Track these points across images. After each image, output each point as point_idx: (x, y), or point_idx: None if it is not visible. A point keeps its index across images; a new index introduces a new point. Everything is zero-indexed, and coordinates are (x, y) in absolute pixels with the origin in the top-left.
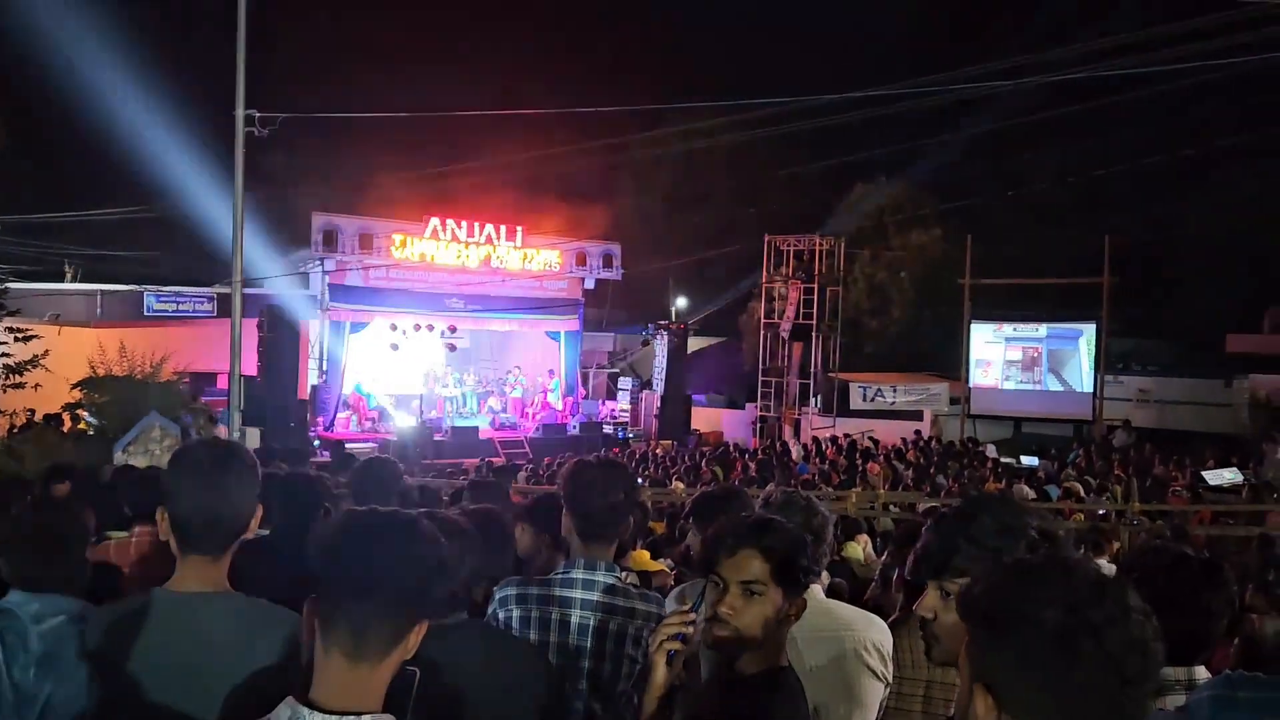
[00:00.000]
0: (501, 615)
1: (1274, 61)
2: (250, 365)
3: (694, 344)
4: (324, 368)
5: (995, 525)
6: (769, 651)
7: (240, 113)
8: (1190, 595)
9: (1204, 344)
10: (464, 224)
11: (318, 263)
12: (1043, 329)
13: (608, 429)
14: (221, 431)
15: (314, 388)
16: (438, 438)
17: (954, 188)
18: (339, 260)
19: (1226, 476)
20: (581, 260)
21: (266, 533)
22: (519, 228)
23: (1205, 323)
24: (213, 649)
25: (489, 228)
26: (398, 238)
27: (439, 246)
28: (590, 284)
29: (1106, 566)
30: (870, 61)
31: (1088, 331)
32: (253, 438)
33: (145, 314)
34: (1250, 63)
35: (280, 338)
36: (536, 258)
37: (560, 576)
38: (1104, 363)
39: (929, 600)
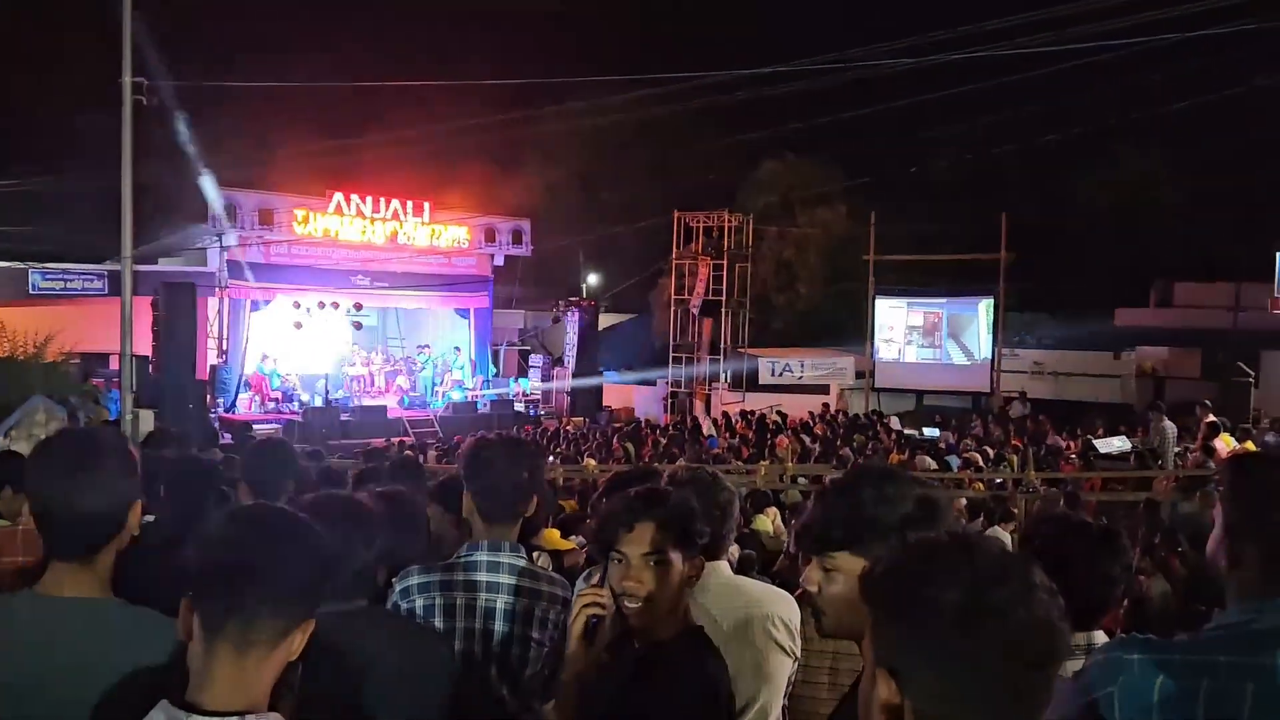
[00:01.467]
0: (404, 606)
1: (1160, 44)
2: (145, 345)
3: (605, 320)
4: (224, 347)
5: (874, 496)
6: (679, 614)
7: (127, 79)
8: (1089, 562)
9: (1095, 318)
10: (369, 199)
11: (215, 239)
12: (943, 303)
13: (519, 407)
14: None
15: (213, 368)
16: (344, 418)
17: (858, 165)
18: (239, 236)
19: (1116, 445)
20: (490, 236)
21: (152, 518)
22: (426, 203)
23: (1096, 298)
24: (70, 662)
25: (395, 203)
26: (300, 213)
27: (343, 222)
28: (500, 260)
29: (1003, 535)
30: (778, 38)
31: (986, 304)
32: (147, 420)
33: (31, 292)
34: (1137, 44)
35: (176, 316)
36: (445, 234)
37: (463, 560)
38: (1001, 336)
39: (812, 574)
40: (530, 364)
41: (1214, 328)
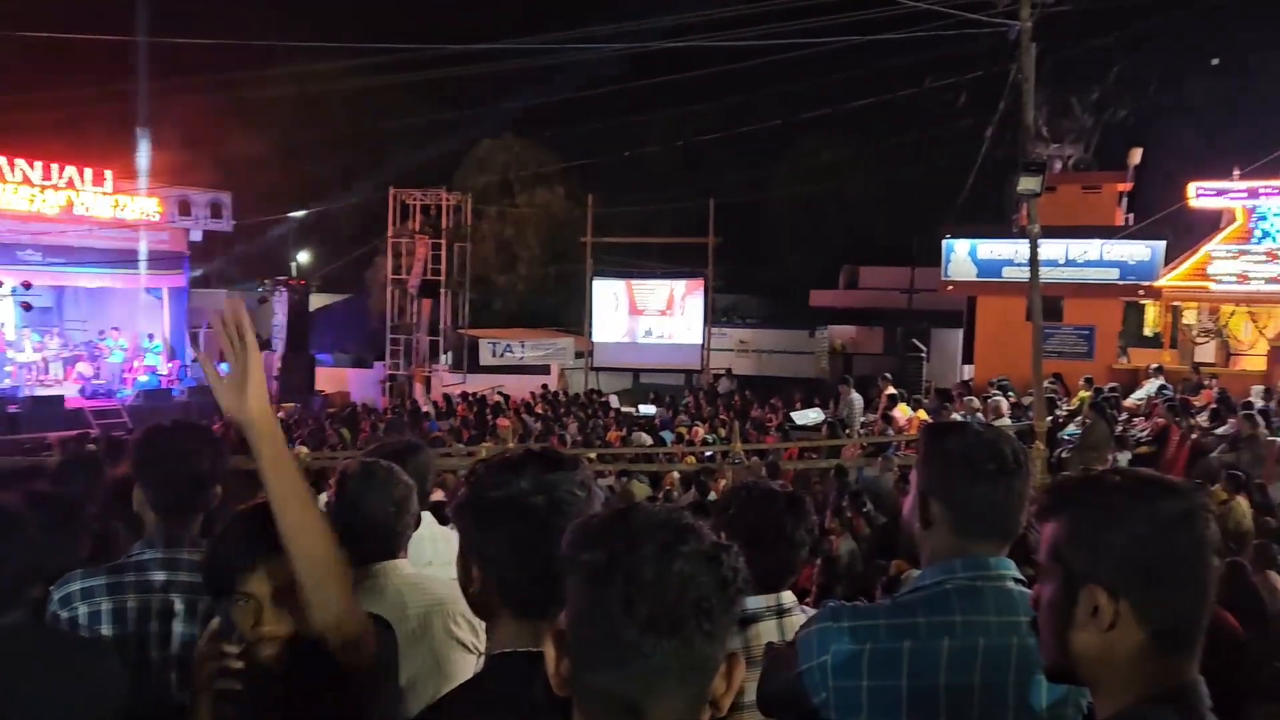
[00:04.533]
0: (65, 615)
1: (850, 44)
2: None
3: (317, 301)
4: None
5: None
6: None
7: None
8: (776, 527)
9: (792, 298)
10: (38, 165)
11: None
12: (657, 285)
13: None
14: None
15: None
16: (12, 409)
17: (576, 148)
18: None
19: (811, 416)
20: (186, 209)
21: None
22: (108, 171)
23: (792, 279)
24: None
25: (70, 170)
26: None
27: (6, 190)
28: (197, 236)
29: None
30: (498, 17)
31: (696, 285)
32: None
33: None
34: (828, 43)
35: None
36: (131, 205)
37: (134, 559)
38: (710, 316)
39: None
40: None
41: (893, 308)
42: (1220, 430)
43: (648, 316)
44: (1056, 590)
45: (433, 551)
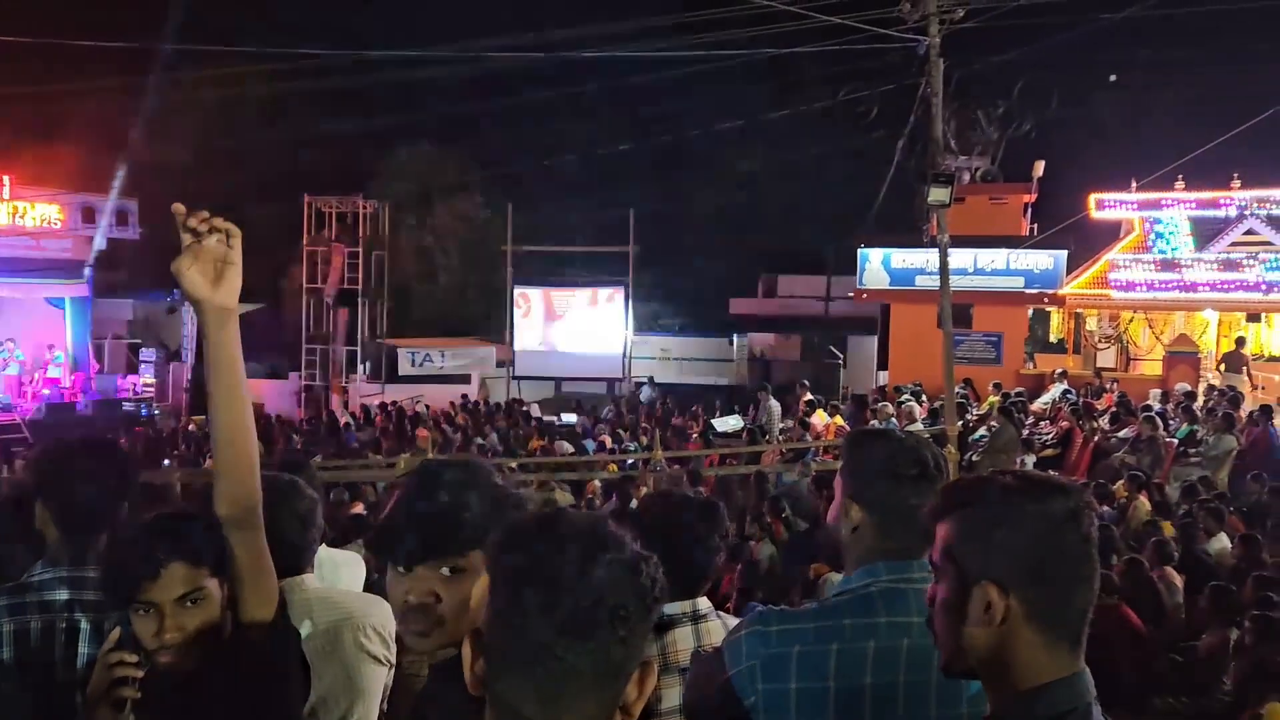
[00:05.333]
0: None
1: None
2: None
3: None
4: None
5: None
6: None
7: None
8: (691, 534)
9: (711, 307)
10: None
11: None
12: (578, 294)
13: (128, 406)
14: None
15: None
16: None
17: (496, 156)
18: None
19: (731, 423)
20: (89, 217)
21: None
22: (6, 176)
23: (712, 288)
24: None
25: None
26: None
27: None
28: (102, 244)
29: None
30: (415, 26)
31: (617, 294)
32: None
33: None
34: (744, 55)
35: None
36: (31, 212)
37: (37, 579)
38: (631, 324)
39: (422, 585)
40: (142, 358)
41: (810, 316)
42: (1122, 433)
43: (567, 322)
44: (950, 588)
45: (332, 576)
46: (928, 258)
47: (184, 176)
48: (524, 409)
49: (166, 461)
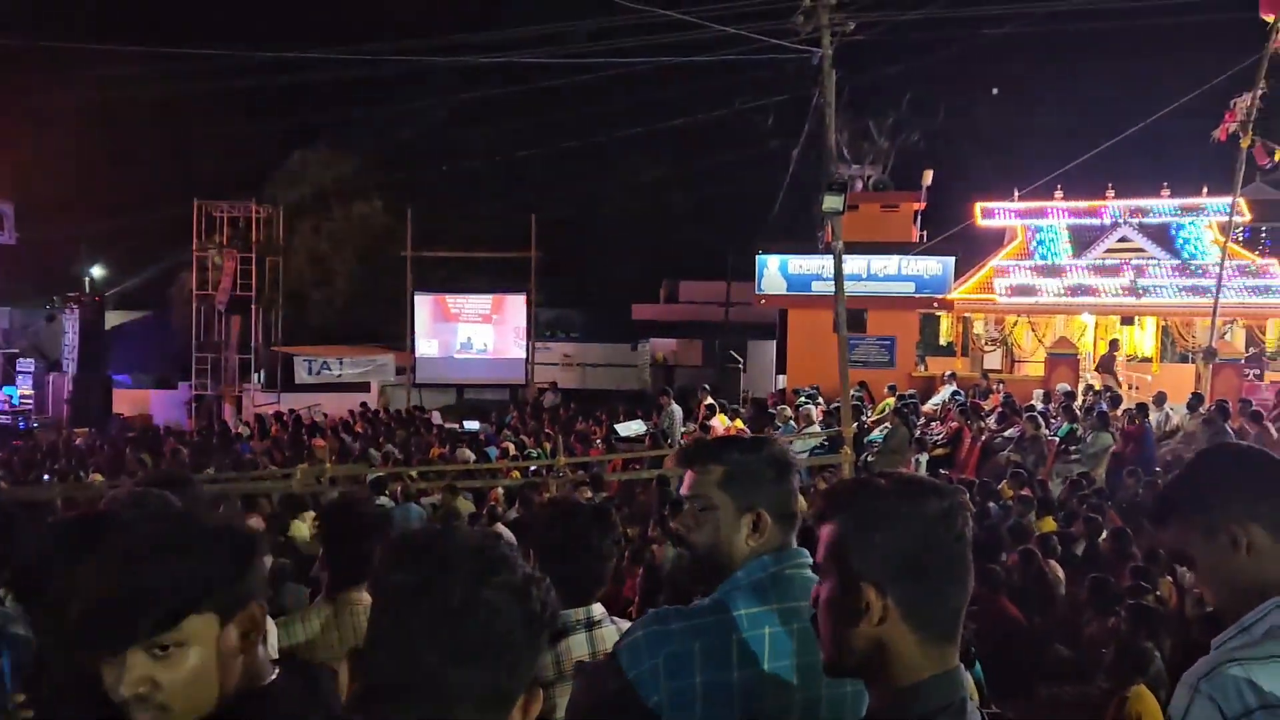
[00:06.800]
0: None
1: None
2: None
3: (113, 319)
4: None
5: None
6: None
7: None
8: (582, 540)
9: (614, 312)
10: None
11: None
12: (480, 299)
13: (4, 419)
14: None
15: None
16: None
17: (395, 161)
18: None
19: (634, 428)
20: None
21: None
22: None
23: (615, 293)
24: None
25: None
26: None
27: None
28: None
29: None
30: (312, 27)
31: (520, 300)
32: None
33: None
34: (645, 64)
35: None
36: None
37: None
38: (534, 330)
39: (137, 671)
40: (19, 369)
41: (711, 321)
42: (1007, 432)
43: (469, 328)
44: (834, 588)
45: None
46: (823, 264)
47: (65, 180)
48: (425, 416)
49: (46, 476)
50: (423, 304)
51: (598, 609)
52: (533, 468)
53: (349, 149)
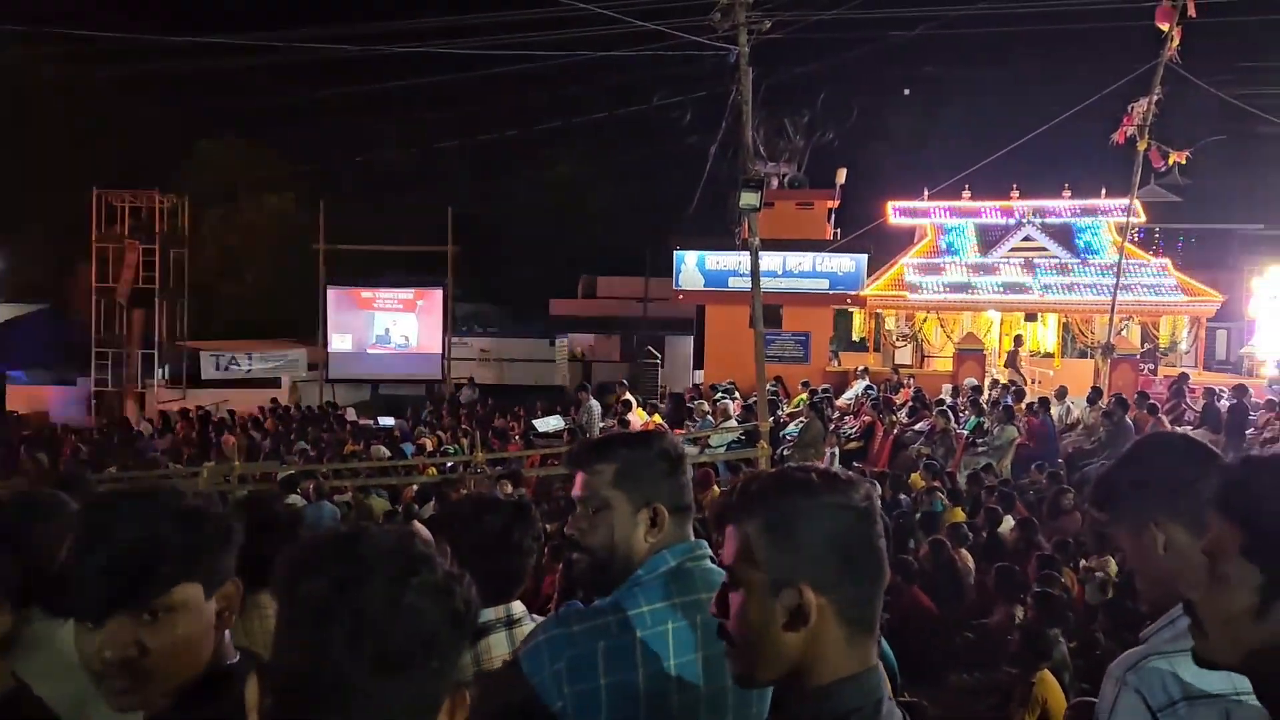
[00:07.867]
0: None
1: (582, 60)
2: None
3: (6, 312)
4: None
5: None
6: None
7: None
8: (501, 537)
9: (532, 307)
10: None
11: None
12: (396, 294)
13: None
14: None
15: None
16: None
17: (307, 152)
18: None
19: (552, 424)
20: None
21: None
22: None
23: (533, 288)
24: None
25: None
26: None
27: None
28: None
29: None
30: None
31: (435, 294)
32: None
33: None
34: (563, 58)
35: None
36: None
37: None
38: (450, 325)
39: (123, 635)
40: None
41: (629, 316)
42: (918, 425)
43: (384, 323)
44: (756, 594)
45: None
46: (740, 260)
47: None
48: (338, 413)
49: None
50: (336, 298)
51: (517, 607)
52: (449, 464)
53: (261, 138)
